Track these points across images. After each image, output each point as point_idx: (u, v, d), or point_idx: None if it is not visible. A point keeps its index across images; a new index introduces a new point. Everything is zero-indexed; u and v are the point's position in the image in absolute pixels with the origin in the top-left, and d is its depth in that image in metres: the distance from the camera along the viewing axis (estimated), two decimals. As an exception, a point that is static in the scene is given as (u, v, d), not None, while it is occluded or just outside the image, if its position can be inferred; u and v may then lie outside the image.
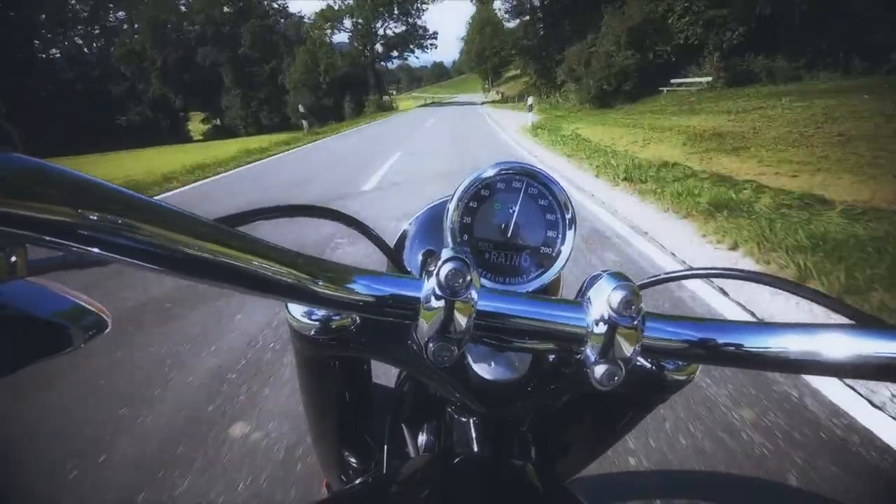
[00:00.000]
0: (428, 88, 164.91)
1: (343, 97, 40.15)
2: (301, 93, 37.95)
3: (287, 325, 0.38)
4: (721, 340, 0.28)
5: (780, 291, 0.43)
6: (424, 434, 0.43)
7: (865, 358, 0.25)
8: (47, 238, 0.19)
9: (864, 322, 0.30)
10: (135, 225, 0.20)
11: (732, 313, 2.28)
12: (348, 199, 5.30)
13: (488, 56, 57.84)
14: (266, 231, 0.37)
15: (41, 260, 0.27)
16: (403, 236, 0.50)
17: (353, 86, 41.77)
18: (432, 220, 0.48)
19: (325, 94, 39.70)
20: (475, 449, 0.38)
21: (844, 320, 0.30)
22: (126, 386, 1.90)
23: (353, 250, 3.42)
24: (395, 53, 55.73)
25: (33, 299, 0.27)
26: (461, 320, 0.26)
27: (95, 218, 0.19)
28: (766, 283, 0.35)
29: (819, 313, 2.08)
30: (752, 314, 2.26)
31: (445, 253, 0.27)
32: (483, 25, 56.30)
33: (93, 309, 0.29)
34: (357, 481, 0.48)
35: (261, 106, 41.61)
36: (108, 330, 0.30)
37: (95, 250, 0.20)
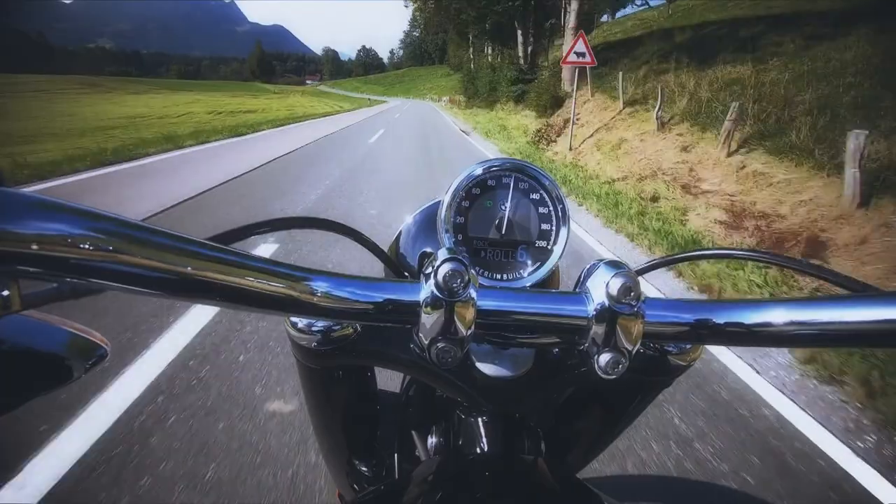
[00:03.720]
0: (344, 83, 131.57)
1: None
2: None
3: (288, 337, 0.37)
4: (722, 320, 0.28)
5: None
6: (434, 437, 0.43)
7: (866, 326, 0.25)
8: (39, 270, 0.19)
9: (862, 291, 0.29)
10: (127, 251, 0.20)
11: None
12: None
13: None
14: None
15: (36, 292, 0.26)
16: (398, 240, 0.50)
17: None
18: (426, 222, 0.48)
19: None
20: (485, 447, 0.38)
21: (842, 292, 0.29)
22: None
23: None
24: None
25: (31, 333, 0.26)
26: (462, 320, 0.26)
27: (87, 246, 0.19)
28: (765, 261, 0.35)
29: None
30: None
31: (442, 254, 0.27)
32: None
33: (91, 339, 0.28)
34: (369, 489, 0.47)
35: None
36: (107, 358, 0.29)
37: (89, 279, 0.20)
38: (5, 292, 0.21)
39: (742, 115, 5.06)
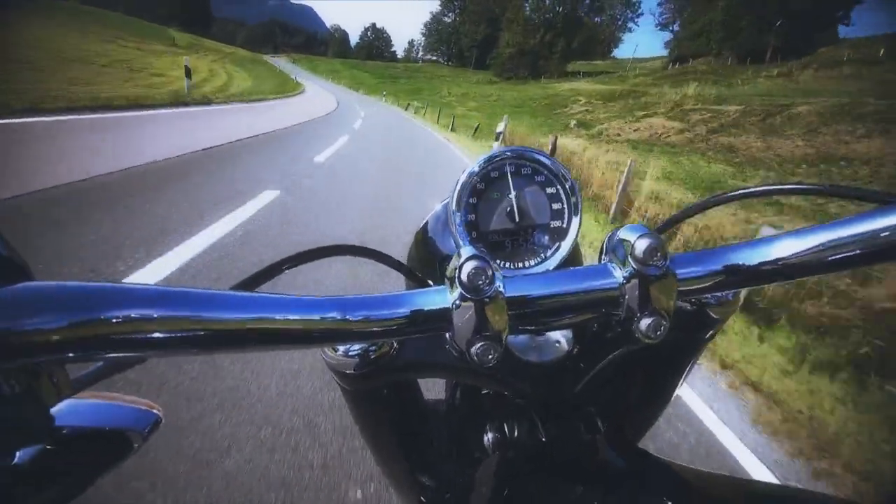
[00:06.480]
0: (321, 62, 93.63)
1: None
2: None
3: (327, 367, 0.37)
4: (755, 261, 0.27)
5: None
6: (489, 434, 0.43)
7: None
8: (81, 354, 0.20)
9: (889, 202, 0.27)
10: (161, 320, 0.21)
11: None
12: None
13: None
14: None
15: (83, 374, 0.27)
16: (415, 249, 0.49)
17: None
18: (438, 226, 0.48)
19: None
20: (542, 435, 0.37)
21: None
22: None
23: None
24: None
25: (86, 413, 0.27)
26: (495, 316, 0.26)
27: (123, 323, 0.20)
28: (787, 193, 0.33)
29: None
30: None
31: (461, 254, 0.27)
32: None
33: (144, 408, 0.30)
34: (435, 498, 0.47)
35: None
36: (162, 423, 0.30)
37: (130, 353, 0.21)
38: (55, 379, 0.22)
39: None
